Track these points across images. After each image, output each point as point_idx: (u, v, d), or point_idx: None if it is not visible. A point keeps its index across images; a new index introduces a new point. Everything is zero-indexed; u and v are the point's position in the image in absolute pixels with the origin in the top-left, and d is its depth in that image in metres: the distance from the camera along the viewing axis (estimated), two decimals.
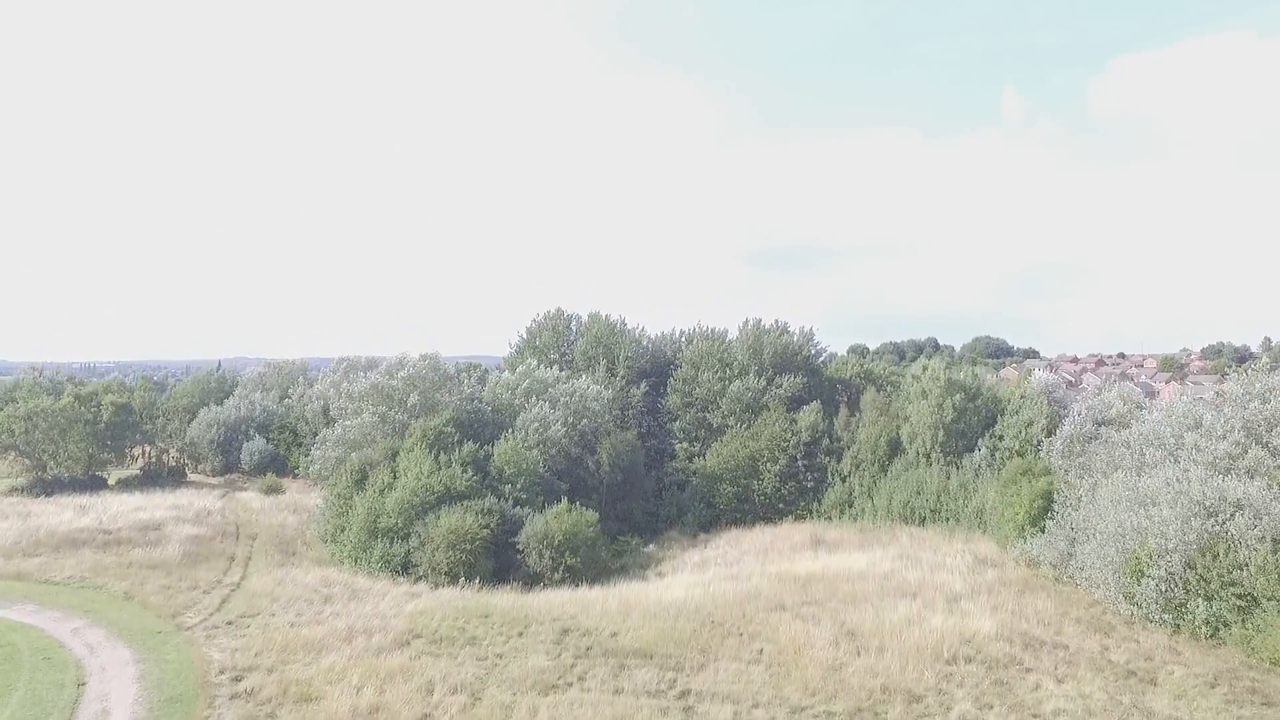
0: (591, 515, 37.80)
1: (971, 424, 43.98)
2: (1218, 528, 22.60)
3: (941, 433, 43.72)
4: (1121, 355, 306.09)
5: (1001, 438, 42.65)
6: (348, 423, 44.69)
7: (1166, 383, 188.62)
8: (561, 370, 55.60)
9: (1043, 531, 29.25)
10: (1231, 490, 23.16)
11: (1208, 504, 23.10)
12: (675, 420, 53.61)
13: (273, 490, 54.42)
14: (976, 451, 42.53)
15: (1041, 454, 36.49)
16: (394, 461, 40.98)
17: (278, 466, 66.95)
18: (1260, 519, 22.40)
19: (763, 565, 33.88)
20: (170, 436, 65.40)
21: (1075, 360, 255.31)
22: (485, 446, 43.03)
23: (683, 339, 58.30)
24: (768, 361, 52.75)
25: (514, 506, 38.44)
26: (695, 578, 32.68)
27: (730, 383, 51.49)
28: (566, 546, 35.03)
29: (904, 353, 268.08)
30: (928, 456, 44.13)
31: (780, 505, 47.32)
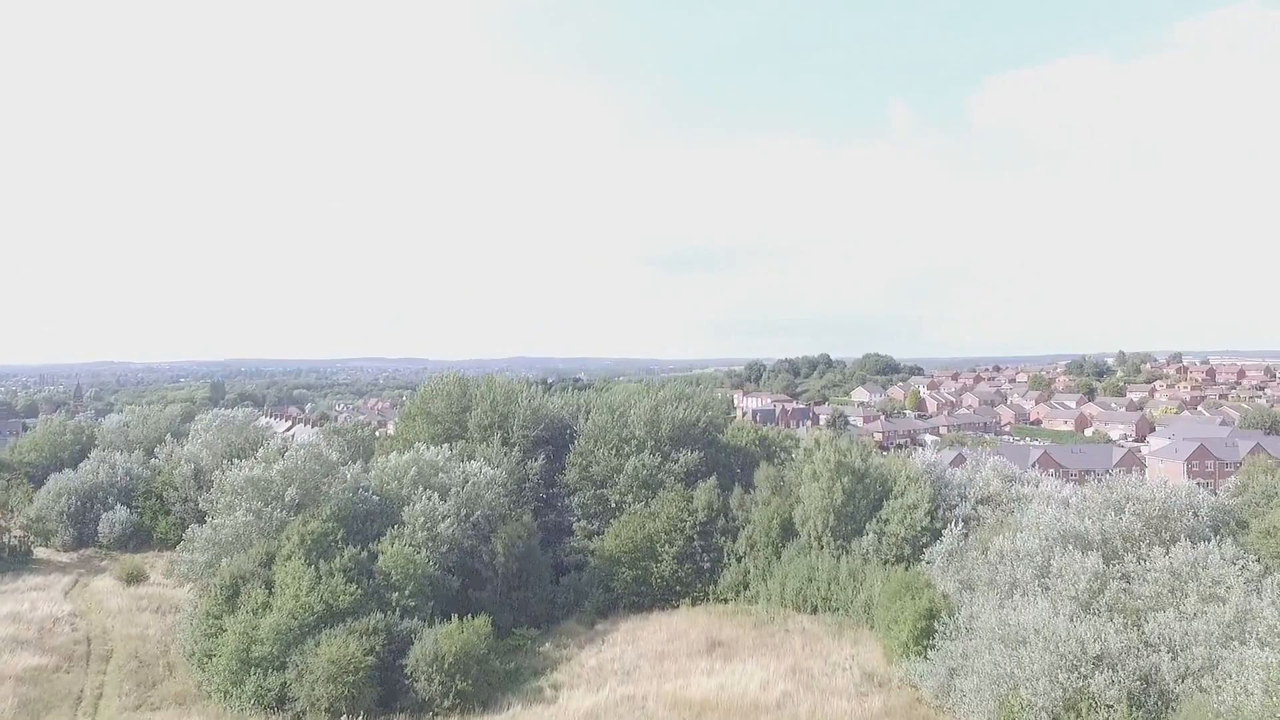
0: (484, 625, 36.62)
1: (860, 507, 45.25)
2: (1080, 682, 23.83)
3: (832, 517, 44.78)
4: (997, 368, 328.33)
5: (888, 522, 44.09)
6: (218, 521, 41.48)
7: (1036, 403, 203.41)
8: (454, 443, 53.87)
9: (924, 656, 30.22)
10: (1091, 642, 24.50)
11: (1070, 657, 24.35)
12: (573, 495, 52.83)
13: (134, 578, 50.04)
14: (865, 536, 43.82)
15: (923, 560, 37.81)
16: (269, 570, 38.39)
17: (141, 539, 61.90)
18: (1117, 672, 23.80)
19: (658, 682, 33.60)
20: (11, 511, 59.11)
21: (956, 376, 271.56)
22: (371, 544, 41.02)
23: (580, 411, 57.56)
24: (665, 435, 52.73)
25: (401, 618, 36.72)
26: (590, 701, 32.15)
27: (627, 459, 51.15)
28: (457, 669, 33.66)
29: (799, 369, 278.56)
30: (819, 540, 45.12)
31: (677, 588, 47.30)
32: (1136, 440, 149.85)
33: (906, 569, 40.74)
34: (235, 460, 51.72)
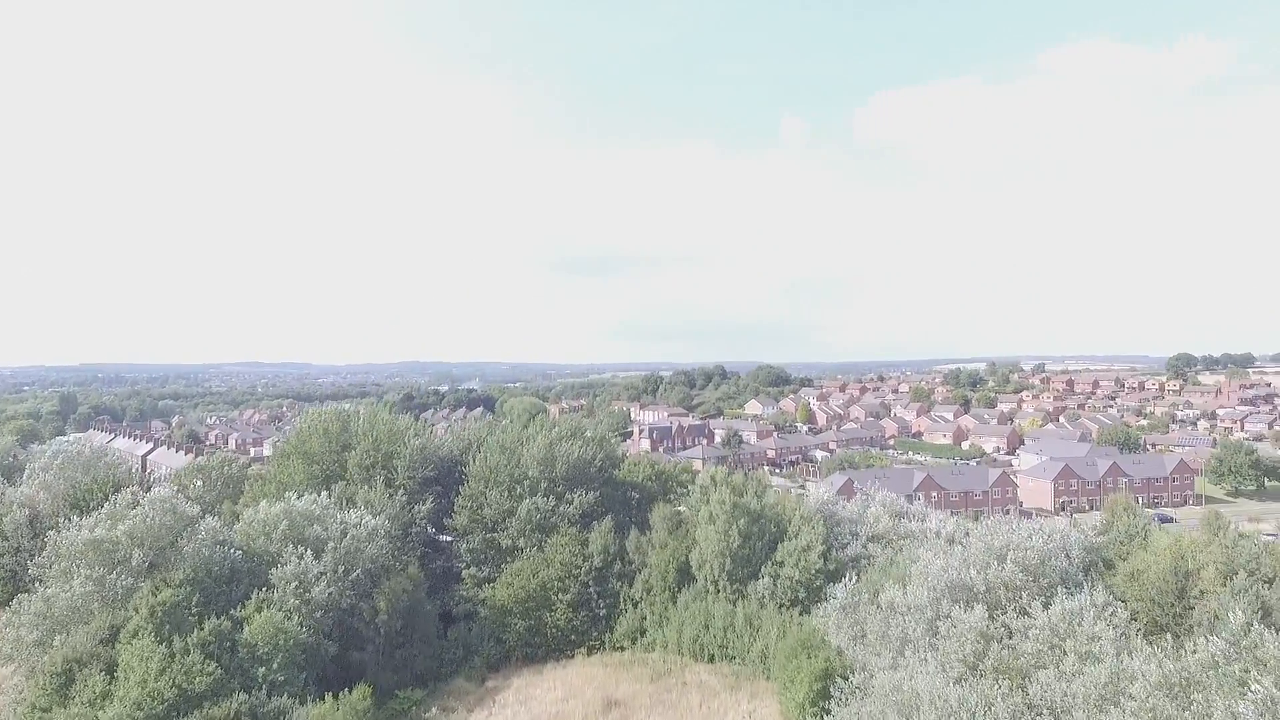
0: (362, 698, 34.01)
1: (755, 550, 45.10)
2: None
3: (728, 561, 44.43)
4: (880, 378, 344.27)
5: (783, 565, 44.12)
6: (51, 591, 36.66)
7: (918, 415, 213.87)
8: (333, 485, 50.36)
9: (820, 719, 30.01)
10: (981, 714, 24.72)
11: None
12: (463, 539, 50.32)
13: None
14: (760, 580, 43.67)
15: (819, 612, 37.80)
16: (112, 648, 34.20)
17: None
18: None
19: None
20: None
21: (844, 387, 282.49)
22: (235, 609, 37.39)
23: (472, 446, 55.10)
24: (560, 475, 51.04)
25: (269, 696, 33.50)
26: None
27: (520, 501, 49.18)
28: None
29: (694, 382, 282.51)
30: (715, 584, 44.67)
31: (573, 637, 45.75)
32: (1008, 453, 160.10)
33: (802, 613, 40.93)
34: (79, 506, 46.61)
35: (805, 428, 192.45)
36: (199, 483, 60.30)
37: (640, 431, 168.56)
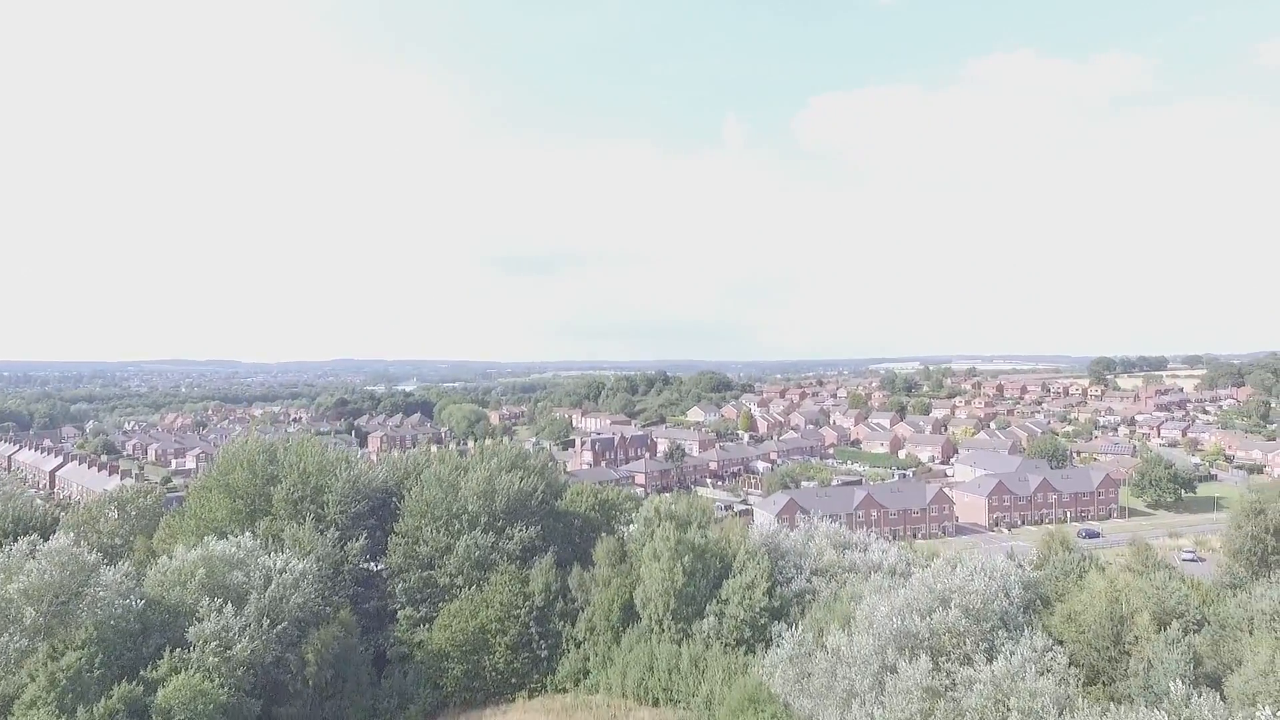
0: None
1: (700, 587, 44.45)
2: None
3: (673, 599, 43.66)
4: (820, 381, 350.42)
5: (728, 602, 43.58)
6: None
7: (856, 423, 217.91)
8: (258, 521, 47.71)
9: None
10: None
11: None
12: (398, 577, 48.23)
13: None
14: (705, 619, 43.02)
15: (765, 662, 37.23)
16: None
17: None
18: None
19: None
20: None
21: (784, 393, 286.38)
22: (147, 668, 34.78)
23: (410, 475, 52.98)
24: (500, 509, 49.44)
25: None
26: None
27: (458, 537, 47.43)
28: None
29: (636, 387, 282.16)
30: (660, 623, 43.86)
31: (513, 680, 44.35)
32: (943, 462, 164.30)
33: (747, 653, 40.44)
34: None
35: (747, 436, 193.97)
36: (113, 514, 56.59)
37: (582, 443, 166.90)
